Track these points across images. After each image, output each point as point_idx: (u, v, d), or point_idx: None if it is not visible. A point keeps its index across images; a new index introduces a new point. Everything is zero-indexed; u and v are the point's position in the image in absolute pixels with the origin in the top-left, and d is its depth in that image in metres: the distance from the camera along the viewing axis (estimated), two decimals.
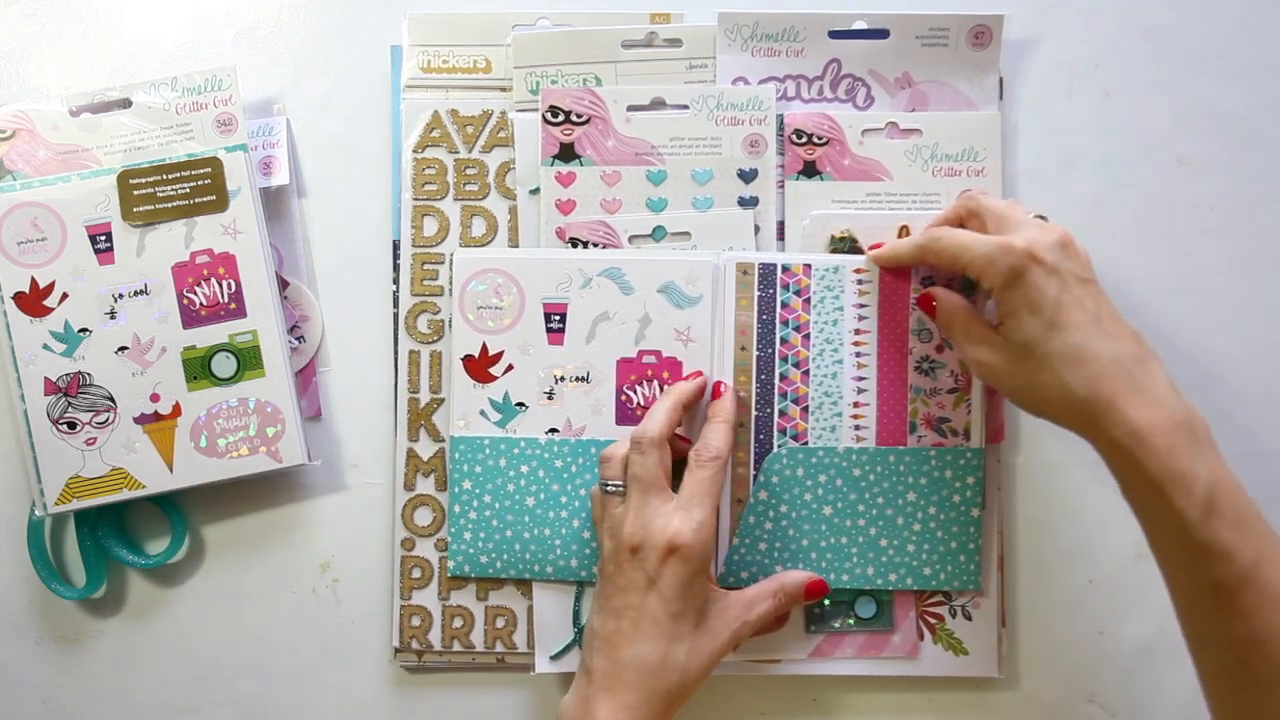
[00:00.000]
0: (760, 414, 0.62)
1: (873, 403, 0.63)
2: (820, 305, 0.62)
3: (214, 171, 0.64)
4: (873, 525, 0.63)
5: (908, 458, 0.62)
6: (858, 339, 0.62)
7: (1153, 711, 0.66)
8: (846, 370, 0.63)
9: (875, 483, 0.63)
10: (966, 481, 0.63)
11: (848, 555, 0.63)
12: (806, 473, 0.62)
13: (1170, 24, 0.68)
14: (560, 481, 0.63)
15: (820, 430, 0.62)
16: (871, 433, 0.63)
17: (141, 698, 0.67)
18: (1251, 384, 0.67)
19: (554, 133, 0.65)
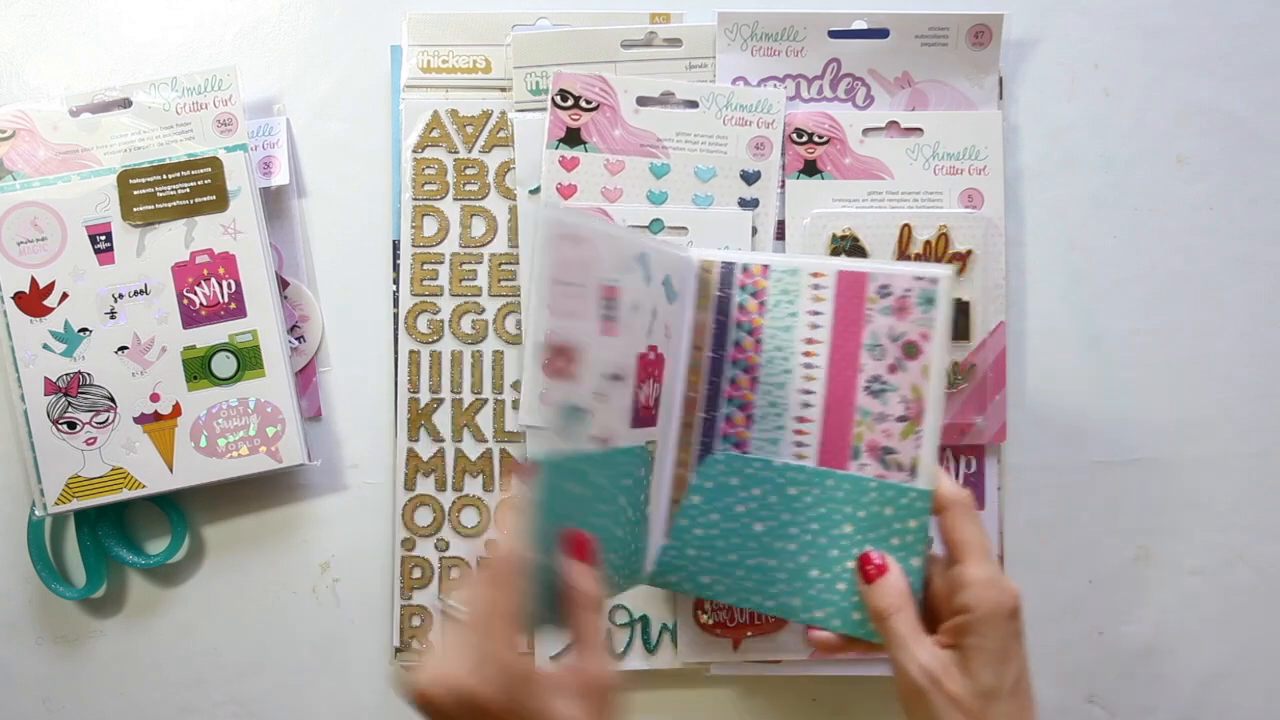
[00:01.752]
0: (706, 416, 0.59)
1: (817, 419, 0.57)
2: (774, 309, 0.58)
3: (214, 171, 0.64)
4: (804, 552, 0.56)
5: (846, 485, 0.56)
6: (809, 348, 0.57)
7: (1153, 711, 0.66)
8: (795, 380, 0.57)
9: (810, 506, 0.56)
10: (908, 525, 0.54)
11: (774, 579, 0.57)
12: (741, 483, 0.58)
13: (1170, 24, 0.68)
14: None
15: (761, 440, 0.58)
16: (813, 451, 0.57)
17: (141, 698, 0.67)
18: (1251, 384, 0.67)
19: (562, 116, 0.65)
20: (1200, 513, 0.67)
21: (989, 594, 0.49)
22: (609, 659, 0.51)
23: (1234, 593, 0.66)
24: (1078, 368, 0.67)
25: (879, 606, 0.52)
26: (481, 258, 0.67)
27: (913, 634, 0.50)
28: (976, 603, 0.49)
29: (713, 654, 0.65)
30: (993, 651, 0.49)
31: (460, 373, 0.66)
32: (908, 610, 0.51)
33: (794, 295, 0.57)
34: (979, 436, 0.65)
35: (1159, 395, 0.67)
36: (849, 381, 0.57)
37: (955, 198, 0.65)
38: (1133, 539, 0.67)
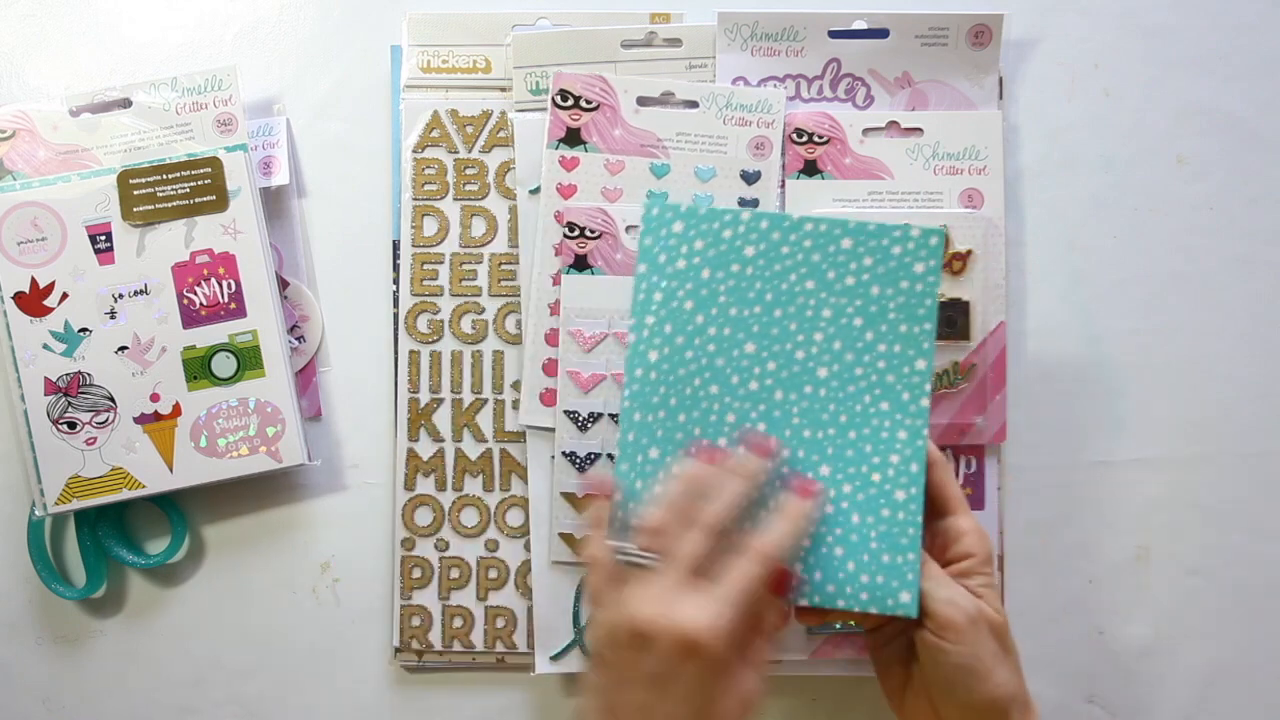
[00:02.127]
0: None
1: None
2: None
3: (214, 171, 0.64)
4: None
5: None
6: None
7: (1153, 711, 0.66)
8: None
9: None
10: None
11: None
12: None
13: (1170, 24, 0.68)
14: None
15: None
16: None
17: (141, 698, 0.67)
18: (1251, 384, 0.67)
19: (562, 116, 0.65)
20: (1200, 513, 0.67)
21: (984, 541, 0.53)
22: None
23: (1234, 593, 0.66)
24: (1078, 368, 0.67)
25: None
26: (481, 258, 0.67)
27: (943, 575, 0.53)
28: (976, 548, 0.53)
29: None
30: (995, 590, 0.53)
31: (460, 373, 0.66)
32: (930, 562, 0.53)
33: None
34: (979, 436, 0.65)
35: (1159, 395, 0.67)
36: None
37: (955, 198, 0.65)
38: (1133, 539, 0.67)
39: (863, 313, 0.53)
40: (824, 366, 0.53)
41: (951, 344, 0.65)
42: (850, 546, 0.52)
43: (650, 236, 0.54)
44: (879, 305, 0.53)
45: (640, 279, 0.54)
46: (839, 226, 0.53)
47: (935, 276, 0.52)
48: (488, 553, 0.66)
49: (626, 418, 0.54)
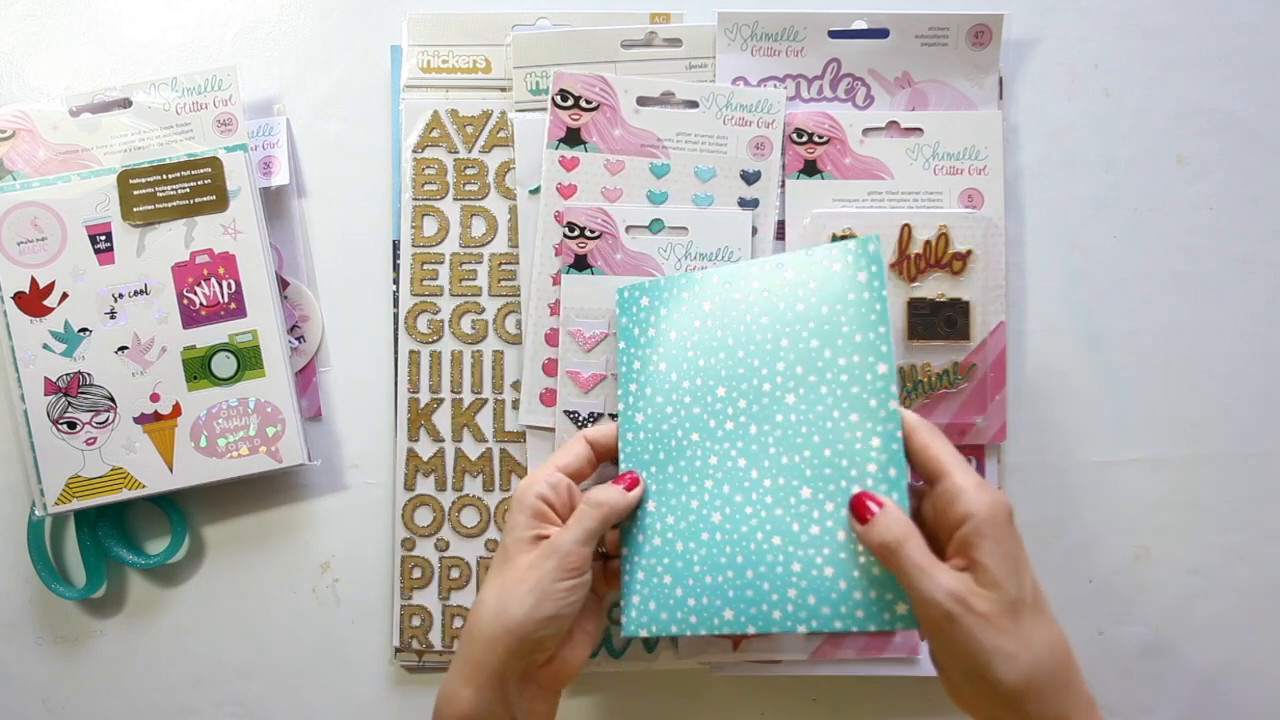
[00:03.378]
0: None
1: None
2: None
3: (214, 171, 0.64)
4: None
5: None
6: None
7: (1153, 711, 0.66)
8: None
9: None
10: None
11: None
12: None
13: (1170, 24, 0.68)
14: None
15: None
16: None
17: (141, 698, 0.67)
18: (1251, 384, 0.67)
19: (562, 116, 0.65)
20: (1200, 513, 0.67)
21: (984, 495, 0.47)
22: (576, 536, 0.54)
23: (1234, 593, 0.66)
24: (1078, 368, 0.67)
25: (884, 541, 0.48)
26: (481, 258, 0.67)
27: (928, 559, 0.47)
28: (975, 506, 0.47)
29: (713, 654, 0.65)
30: (1006, 556, 0.47)
31: (460, 373, 0.66)
32: (915, 536, 0.48)
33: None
34: (979, 436, 0.65)
35: (1159, 395, 0.67)
36: None
37: (955, 198, 0.65)
38: (1133, 539, 0.67)
39: (817, 334, 0.54)
40: (791, 393, 0.54)
41: (951, 344, 0.65)
42: (839, 565, 0.52)
43: (625, 317, 0.60)
44: (831, 322, 0.54)
45: (621, 354, 0.60)
46: (778, 264, 0.56)
47: (879, 281, 0.53)
48: (488, 553, 0.66)
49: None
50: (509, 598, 0.52)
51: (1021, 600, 0.47)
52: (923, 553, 0.48)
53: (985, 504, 0.47)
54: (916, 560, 0.47)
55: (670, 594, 0.55)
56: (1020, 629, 0.46)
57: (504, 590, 0.53)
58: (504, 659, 0.52)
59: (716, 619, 0.54)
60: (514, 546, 0.54)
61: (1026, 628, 0.46)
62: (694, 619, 0.54)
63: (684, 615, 0.54)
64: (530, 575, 0.53)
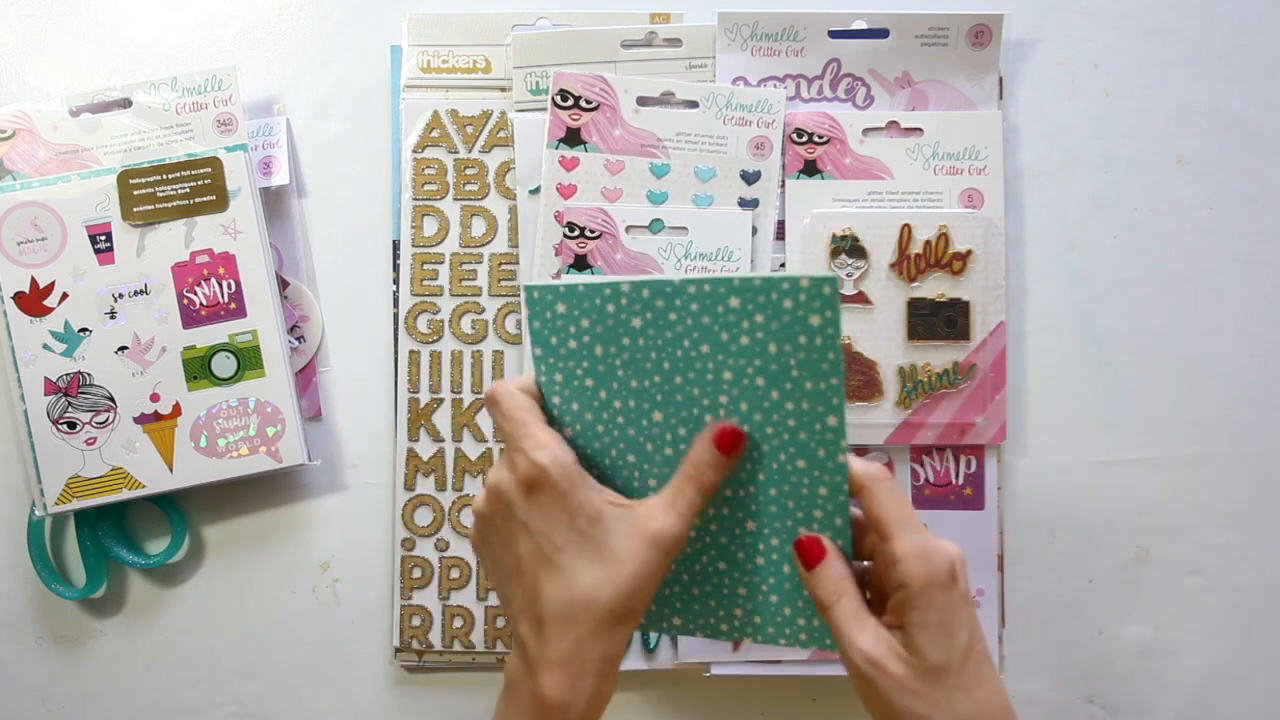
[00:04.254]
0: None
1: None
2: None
3: (214, 171, 0.64)
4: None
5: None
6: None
7: (1153, 711, 0.66)
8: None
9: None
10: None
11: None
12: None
13: (1170, 24, 0.68)
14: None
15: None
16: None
17: (141, 698, 0.67)
18: (1251, 384, 0.67)
19: (562, 116, 0.65)
20: (1200, 513, 0.67)
21: (918, 566, 0.47)
22: (679, 520, 0.49)
23: (1234, 593, 0.66)
24: (1078, 368, 0.67)
25: (819, 596, 0.49)
26: (481, 258, 0.67)
27: (854, 620, 0.48)
28: (909, 578, 0.47)
29: (713, 654, 0.65)
30: (935, 625, 0.46)
31: (460, 373, 0.66)
32: (848, 596, 0.48)
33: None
34: (979, 436, 0.65)
35: (1159, 395, 0.67)
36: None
37: (955, 198, 0.65)
38: (1133, 539, 0.67)
39: (763, 372, 0.49)
40: (720, 419, 0.50)
41: (951, 344, 0.65)
42: (784, 594, 0.51)
43: (537, 321, 0.52)
44: (779, 363, 0.48)
45: (538, 362, 0.52)
46: (724, 285, 0.49)
47: (834, 329, 0.47)
48: None
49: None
50: (632, 593, 0.48)
51: (945, 665, 0.46)
52: (850, 611, 0.48)
53: (919, 575, 0.47)
54: (842, 619, 0.48)
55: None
56: (938, 693, 0.46)
57: (620, 585, 0.48)
58: (618, 651, 0.49)
59: (665, 624, 0.54)
60: (594, 529, 0.48)
61: (946, 692, 0.46)
62: (642, 620, 0.52)
63: (663, 619, 0.54)
64: (642, 570, 0.48)
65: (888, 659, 0.46)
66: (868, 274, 0.65)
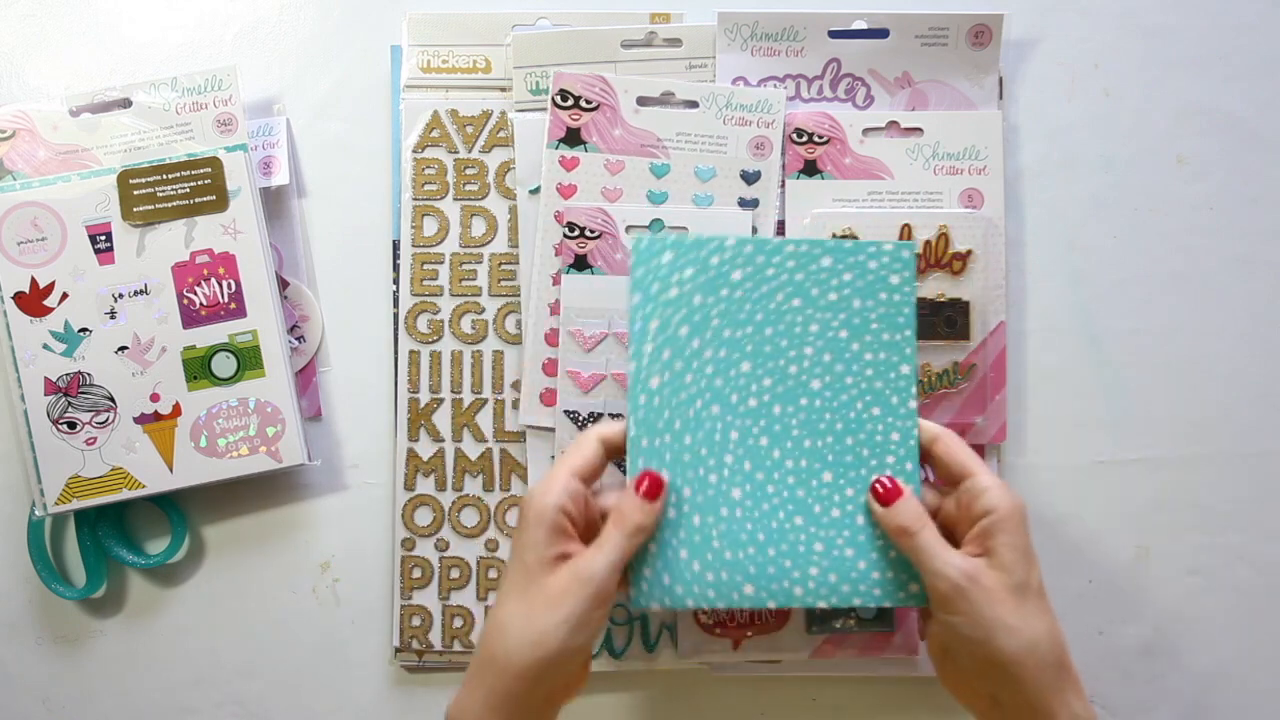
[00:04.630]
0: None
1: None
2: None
3: (214, 171, 0.64)
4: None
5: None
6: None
7: (1153, 711, 0.66)
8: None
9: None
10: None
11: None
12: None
13: (1170, 24, 0.68)
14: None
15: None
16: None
17: (141, 698, 0.67)
18: (1251, 384, 0.67)
19: (562, 116, 0.65)
20: (1200, 513, 0.67)
21: (1006, 494, 0.52)
22: (606, 562, 0.51)
23: (1234, 593, 0.66)
24: (1078, 368, 0.67)
25: (902, 524, 0.53)
26: (481, 258, 0.67)
27: (941, 544, 0.52)
28: (997, 503, 0.52)
29: (713, 654, 0.65)
30: (1020, 549, 0.51)
31: (460, 373, 0.66)
32: (930, 526, 0.53)
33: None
34: (979, 436, 0.65)
35: (1159, 395, 0.67)
36: None
37: (955, 198, 0.65)
38: (1133, 539, 0.67)
39: (847, 325, 0.56)
40: (816, 379, 0.56)
41: (951, 344, 0.65)
42: (859, 547, 0.55)
43: (642, 268, 0.55)
44: (861, 317, 0.56)
45: (635, 310, 0.55)
46: (819, 247, 0.56)
47: (910, 287, 0.56)
48: (488, 553, 0.66)
49: (634, 445, 0.54)
50: (543, 628, 0.50)
51: (1028, 585, 0.52)
52: (936, 537, 0.53)
53: (1007, 501, 0.52)
54: (931, 540, 0.53)
55: (686, 567, 0.54)
56: (1024, 609, 0.51)
57: (535, 618, 0.50)
58: (535, 688, 0.51)
59: (736, 594, 0.54)
60: (537, 567, 0.51)
61: (1029, 609, 0.51)
62: (711, 593, 0.54)
63: (700, 589, 0.54)
64: (564, 603, 0.50)
65: (981, 572, 0.51)
66: None
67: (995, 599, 0.51)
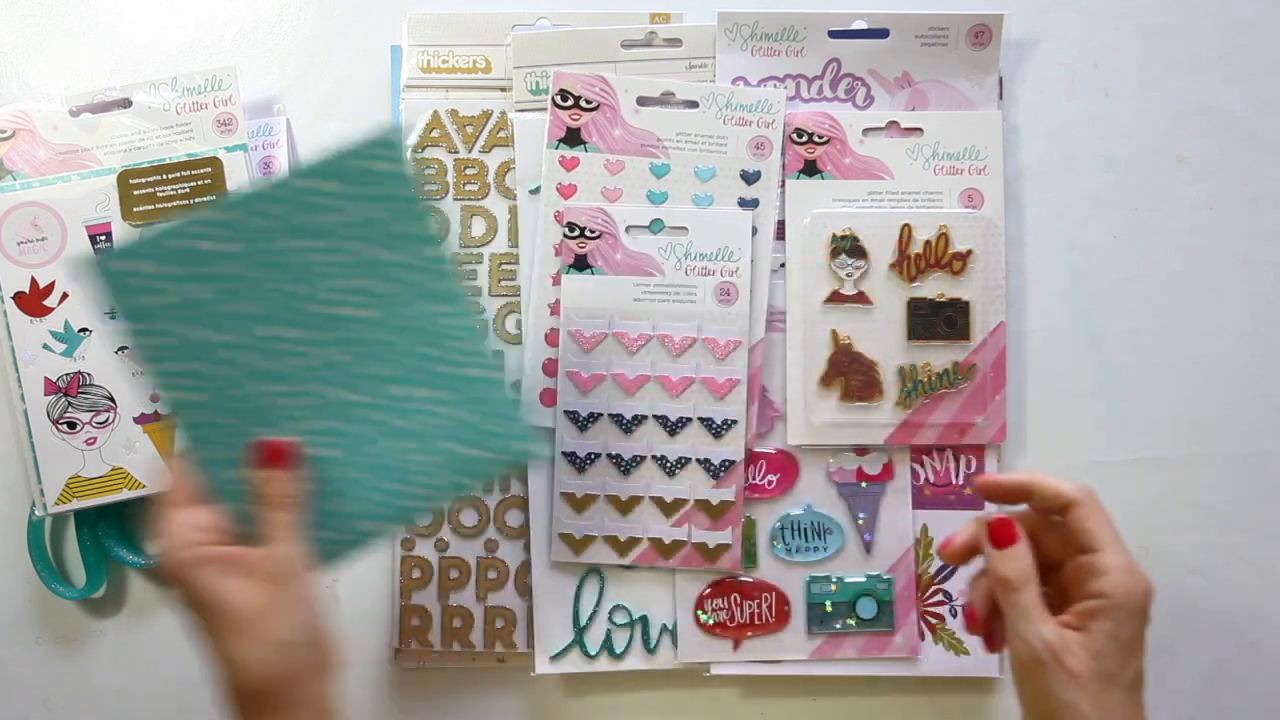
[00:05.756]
0: None
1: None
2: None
3: (214, 171, 0.64)
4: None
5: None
6: None
7: (1153, 711, 0.66)
8: None
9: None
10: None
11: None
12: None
13: (1170, 24, 0.68)
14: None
15: None
16: None
17: (141, 698, 0.67)
18: (1251, 384, 0.67)
19: (562, 116, 0.65)
20: (1200, 513, 0.67)
21: (1126, 580, 0.49)
22: (295, 545, 0.51)
23: (1234, 593, 0.66)
24: (1078, 368, 0.67)
25: (1008, 576, 0.50)
26: (481, 258, 0.67)
27: (1038, 609, 0.49)
28: (1113, 588, 0.48)
29: (713, 654, 0.65)
30: (1124, 641, 0.48)
31: None
32: (1034, 584, 0.50)
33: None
34: (979, 436, 0.65)
35: (1159, 395, 0.67)
36: None
37: (955, 198, 0.65)
38: (1133, 539, 0.66)
39: (358, 237, 0.52)
40: (348, 306, 0.53)
41: (951, 344, 0.65)
42: (466, 440, 0.54)
43: (124, 294, 0.51)
44: (371, 223, 0.52)
45: (140, 337, 0.52)
46: (300, 178, 0.52)
47: (404, 167, 0.52)
48: (487, 553, 0.66)
49: (197, 460, 0.53)
50: (276, 643, 0.51)
51: (1117, 677, 0.48)
52: (1036, 599, 0.49)
53: (1125, 590, 0.48)
54: (1028, 604, 0.49)
55: (336, 520, 0.54)
56: (1104, 699, 0.48)
57: (268, 640, 0.51)
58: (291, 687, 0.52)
59: (361, 533, 0.54)
60: (211, 604, 0.50)
61: (1112, 702, 0.48)
62: (341, 540, 0.54)
63: (356, 535, 0.54)
64: (282, 612, 0.51)
65: (1067, 653, 0.48)
66: (868, 274, 0.65)
67: (1074, 682, 0.47)
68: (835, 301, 0.65)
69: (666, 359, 0.65)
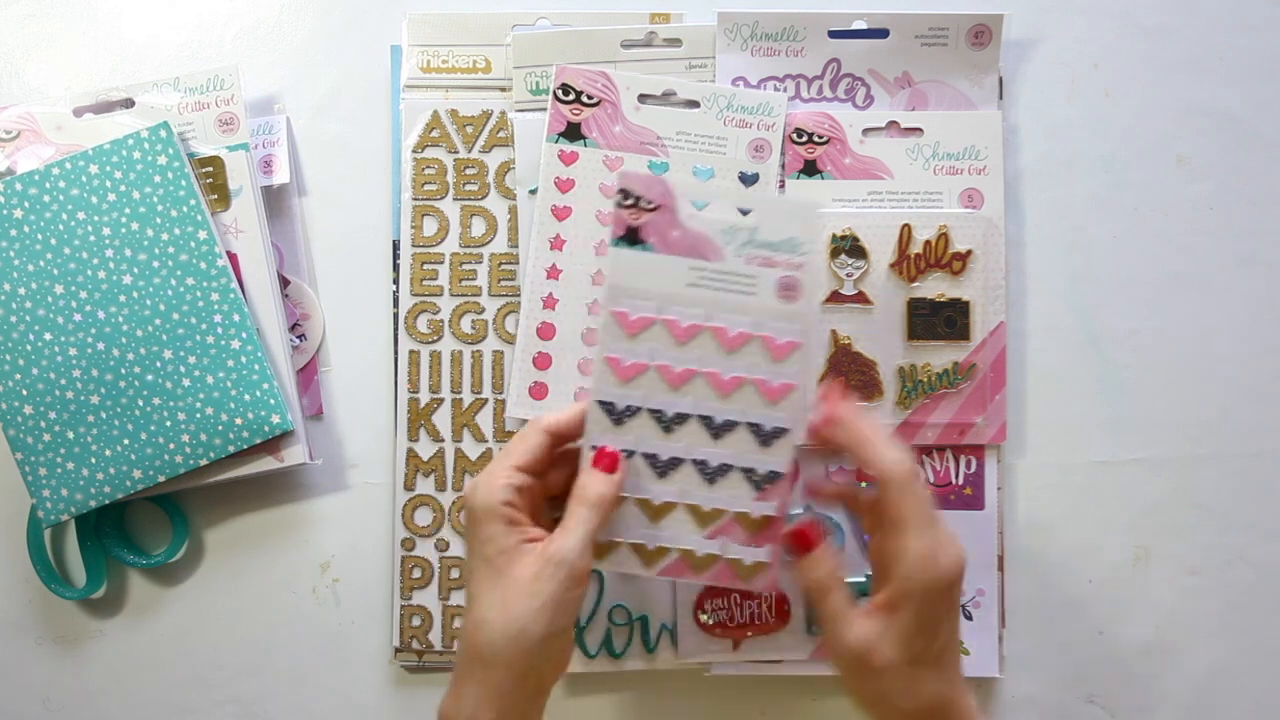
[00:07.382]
0: None
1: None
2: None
3: (216, 171, 0.64)
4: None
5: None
6: None
7: (1153, 711, 0.66)
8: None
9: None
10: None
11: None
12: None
13: (1170, 24, 0.68)
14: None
15: None
16: None
17: (141, 698, 0.67)
18: (1251, 384, 0.67)
19: (563, 110, 0.65)
20: (1200, 513, 0.67)
21: (926, 564, 0.50)
22: (586, 545, 0.52)
23: (1234, 593, 0.66)
24: (1078, 368, 0.67)
25: (813, 580, 0.53)
26: (481, 258, 0.67)
27: (845, 610, 0.52)
28: (912, 573, 0.50)
29: (713, 654, 0.65)
30: (926, 621, 0.50)
31: (460, 373, 0.66)
32: (839, 589, 0.52)
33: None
34: (979, 436, 0.65)
35: (1159, 395, 0.67)
36: None
37: (955, 198, 0.65)
38: (1133, 539, 0.67)
39: (135, 218, 0.62)
40: (127, 275, 0.62)
41: (951, 344, 0.65)
42: (217, 403, 0.62)
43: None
44: (146, 205, 0.62)
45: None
46: (81, 159, 0.62)
47: (180, 161, 0.63)
48: None
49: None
50: (523, 617, 0.49)
51: (925, 655, 0.51)
52: (842, 602, 0.52)
53: (922, 580, 0.50)
54: (835, 609, 0.52)
55: (78, 475, 0.62)
56: (915, 683, 0.51)
57: (512, 608, 0.50)
58: (524, 677, 0.50)
59: (128, 481, 0.62)
60: (501, 559, 0.51)
61: (923, 680, 0.51)
62: (107, 488, 0.62)
63: (96, 489, 0.62)
64: (541, 589, 0.50)
65: (876, 652, 0.51)
66: (868, 274, 0.65)
67: (886, 676, 0.50)
68: (835, 301, 0.65)
69: (718, 354, 0.57)
